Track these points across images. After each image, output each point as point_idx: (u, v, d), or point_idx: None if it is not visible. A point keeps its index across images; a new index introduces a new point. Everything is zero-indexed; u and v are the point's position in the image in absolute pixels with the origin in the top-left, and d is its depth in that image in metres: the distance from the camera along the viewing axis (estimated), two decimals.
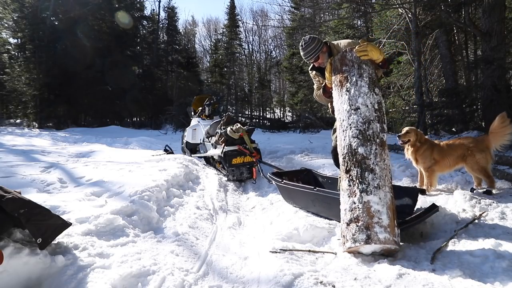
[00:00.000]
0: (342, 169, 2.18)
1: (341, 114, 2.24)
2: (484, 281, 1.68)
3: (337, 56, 2.39)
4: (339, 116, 2.28)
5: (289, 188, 3.11)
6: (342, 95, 2.25)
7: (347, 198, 2.07)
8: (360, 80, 2.21)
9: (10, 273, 1.62)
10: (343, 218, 2.09)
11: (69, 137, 9.73)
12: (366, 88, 2.19)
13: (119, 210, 2.41)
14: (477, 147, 3.12)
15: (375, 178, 2.02)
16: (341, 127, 2.24)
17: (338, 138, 2.30)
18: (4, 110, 17.54)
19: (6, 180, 3.07)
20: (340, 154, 2.21)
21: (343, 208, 2.10)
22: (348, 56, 2.31)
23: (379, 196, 1.99)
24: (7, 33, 16.21)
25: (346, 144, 2.16)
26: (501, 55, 4.98)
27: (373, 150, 2.08)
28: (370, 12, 8.38)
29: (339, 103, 2.29)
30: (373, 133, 2.12)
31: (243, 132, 4.59)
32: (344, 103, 2.22)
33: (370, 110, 2.15)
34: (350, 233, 1.99)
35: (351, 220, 2.00)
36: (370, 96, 2.18)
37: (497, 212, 2.56)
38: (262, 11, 36.32)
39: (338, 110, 2.30)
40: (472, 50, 8.20)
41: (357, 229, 1.96)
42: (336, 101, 2.33)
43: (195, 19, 44.95)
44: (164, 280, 1.74)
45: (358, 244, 1.94)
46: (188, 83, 21.72)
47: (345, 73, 2.28)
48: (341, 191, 2.18)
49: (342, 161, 2.18)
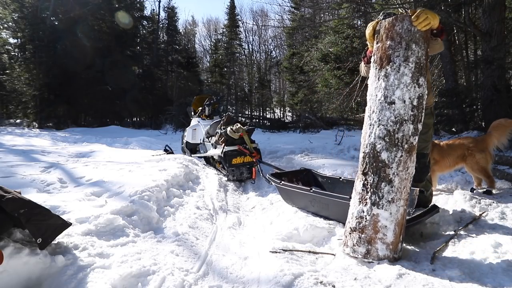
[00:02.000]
0: (359, 167, 2.00)
1: (372, 102, 1.91)
2: (484, 281, 1.68)
3: (385, 21, 1.89)
4: (369, 104, 1.94)
5: (288, 189, 3.12)
6: (379, 78, 1.88)
7: (357, 202, 1.96)
8: (404, 65, 1.80)
9: (10, 273, 1.62)
10: (349, 219, 2.04)
11: (69, 137, 9.72)
12: (409, 77, 1.80)
13: (119, 210, 2.41)
14: (477, 147, 3.13)
15: (390, 192, 1.85)
16: (369, 119, 1.93)
17: (363, 130, 1.99)
18: (4, 110, 17.54)
19: (6, 180, 3.07)
20: (361, 150, 1.98)
21: (351, 211, 2.03)
22: (397, 27, 1.83)
23: (390, 212, 1.86)
24: (7, 33, 16.21)
25: (369, 142, 1.91)
26: (501, 55, 4.98)
27: (397, 158, 1.84)
28: (370, 12, 8.37)
29: (372, 87, 1.93)
30: (403, 136, 1.83)
31: (243, 132, 4.59)
32: (379, 90, 1.87)
33: (406, 107, 1.82)
34: (351, 241, 1.97)
35: (356, 228, 1.96)
36: (411, 88, 1.81)
37: (497, 212, 2.56)
38: (262, 11, 36.33)
39: (370, 94, 1.94)
40: (472, 50, 8.20)
41: (358, 240, 1.93)
42: (371, 82, 1.95)
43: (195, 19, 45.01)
44: (164, 280, 1.74)
45: (356, 255, 1.95)
46: (188, 83, 21.72)
47: (388, 50, 1.84)
48: (354, 190, 2.07)
49: (361, 159, 1.97)
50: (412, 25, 1.81)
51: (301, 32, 16.58)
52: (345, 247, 2.03)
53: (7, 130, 11.06)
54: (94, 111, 17.88)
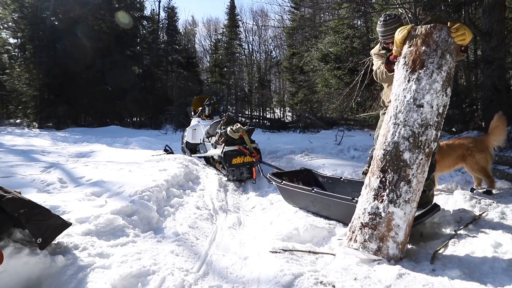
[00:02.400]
0: (377, 163, 1.97)
1: (399, 103, 1.93)
2: (484, 281, 1.68)
3: (421, 28, 1.95)
4: (395, 104, 1.95)
5: (289, 189, 3.12)
6: (409, 80, 1.92)
7: (372, 198, 1.93)
8: (437, 72, 1.86)
9: (10, 273, 1.62)
10: (359, 214, 1.98)
11: (69, 137, 9.72)
12: (440, 85, 1.87)
13: (119, 210, 2.41)
14: (476, 147, 3.13)
15: (408, 192, 1.87)
16: (394, 118, 1.94)
17: (383, 126, 2.01)
18: (4, 110, 17.53)
19: (6, 180, 3.06)
20: (381, 147, 1.97)
21: (363, 206, 1.97)
22: (435, 35, 1.89)
23: (404, 211, 1.87)
24: (7, 33, 16.20)
25: (392, 141, 1.92)
26: (501, 55, 4.97)
27: (418, 160, 1.88)
28: (370, 12, 8.37)
29: (401, 88, 1.95)
30: (426, 140, 1.88)
31: (243, 132, 4.59)
32: (408, 91, 1.91)
33: (433, 112, 1.88)
34: (361, 236, 1.93)
35: (368, 224, 1.92)
36: (440, 96, 1.87)
37: (497, 212, 2.56)
38: (262, 11, 36.30)
39: (396, 94, 1.97)
40: (472, 50, 8.20)
41: (371, 236, 1.90)
42: (399, 83, 1.98)
43: (195, 19, 44.95)
44: (164, 280, 1.74)
45: (366, 252, 1.90)
46: (188, 83, 21.70)
47: (423, 55, 1.90)
48: (367, 186, 2.02)
49: (381, 156, 1.95)
50: (450, 36, 1.89)
51: (301, 32, 16.57)
52: (352, 243, 1.96)
53: (7, 130, 11.05)
54: (94, 111, 17.87)
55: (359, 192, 3.05)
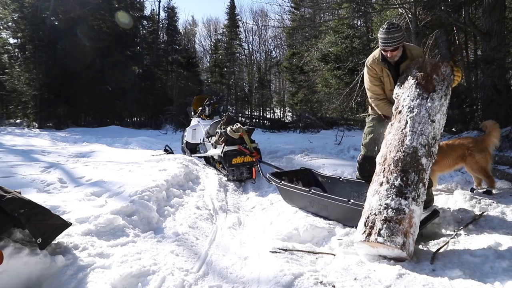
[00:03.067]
0: (394, 163, 2.07)
1: (415, 114, 2.19)
2: (484, 281, 1.68)
3: (429, 60, 2.45)
4: (411, 114, 2.19)
5: (287, 190, 3.13)
6: (423, 98, 2.23)
7: (394, 195, 1.97)
8: (444, 98, 2.26)
9: (10, 273, 1.62)
10: (380, 210, 1.95)
11: (69, 137, 9.72)
12: (445, 108, 2.26)
13: (119, 210, 2.41)
14: (476, 147, 3.13)
15: (423, 193, 2.05)
16: (411, 126, 2.16)
17: (395, 132, 2.21)
18: (4, 110, 17.54)
19: (6, 180, 3.06)
20: (398, 150, 2.11)
21: (385, 202, 1.97)
22: (443, 69, 2.34)
23: (420, 211, 2.01)
24: (7, 33, 16.20)
25: (412, 145, 2.10)
26: (501, 55, 4.97)
27: (428, 167, 2.12)
28: (370, 12, 8.37)
29: (415, 102, 2.24)
30: (434, 151, 2.17)
31: (243, 132, 4.58)
32: (424, 107, 2.20)
33: (439, 130, 2.21)
34: (388, 231, 1.87)
35: (393, 219, 1.90)
36: (443, 117, 2.25)
37: (497, 212, 2.56)
38: (262, 11, 36.24)
39: (410, 107, 2.23)
40: (472, 50, 8.20)
41: (397, 231, 1.88)
42: (411, 98, 2.26)
43: (195, 19, 44.87)
44: (164, 280, 1.74)
45: (393, 245, 1.85)
46: (188, 83, 21.70)
47: (434, 81, 2.29)
48: (385, 183, 2.05)
49: (401, 157, 2.08)
50: (453, 74, 2.37)
51: (301, 32, 16.57)
52: (375, 237, 1.89)
53: (7, 130, 11.05)
54: (94, 111, 17.87)
55: (358, 192, 3.08)
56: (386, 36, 2.55)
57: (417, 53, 2.64)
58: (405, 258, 1.90)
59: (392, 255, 1.92)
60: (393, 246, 1.85)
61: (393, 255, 1.92)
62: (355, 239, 2.03)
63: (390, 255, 1.93)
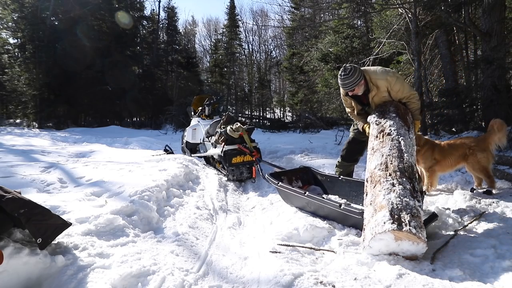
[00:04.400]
0: (400, 171, 2.26)
1: (403, 139, 2.50)
2: (484, 281, 1.68)
3: (403, 109, 2.82)
4: (401, 138, 2.49)
5: (285, 191, 3.14)
6: (405, 129, 2.62)
7: (411, 196, 2.12)
8: (411, 139, 2.62)
9: (10, 273, 1.62)
10: (403, 205, 2.03)
11: (69, 137, 9.72)
12: (414, 143, 2.66)
13: (119, 210, 2.41)
14: (478, 147, 3.13)
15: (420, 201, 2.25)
16: (404, 146, 2.44)
17: (394, 147, 2.44)
18: (4, 110, 17.55)
19: (6, 180, 3.07)
20: (402, 161, 2.34)
21: (404, 199, 2.07)
22: (410, 115, 2.84)
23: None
24: (7, 33, 16.20)
25: (409, 161, 2.39)
26: (501, 55, 4.97)
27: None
28: (370, 12, 8.37)
29: (402, 130, 2.59)
30: (415, 173, 2.41)
31: (243, 131, 4.58)
32: (408, 135, 2.59)
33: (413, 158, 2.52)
34: (417, 224, 1.94)
35: (416, 215, 2.00)
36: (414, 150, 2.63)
37: (497, 212, 2.56)
38: (262, 11, 36.31)
39: (400, 134, 2.53)
40: (472, 50, 8.20)
41: (421, 226, 1.97)
42: (398, 126, 2.61)
43: (195, 19, 44.96)
44: (164, 280, 1.74)
45: (422, 237, 1.89)
46: (188, 83, 21.70)
47: (408, 121, 2.73)
48: (400, 184, 2.16)
49: (406, 168, 2.31)
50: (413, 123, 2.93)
51: (301, 32, 16.57)
52: (409, 227, 1.91)
53: (7, 130, 11.06)
54: (94, 111, 17.87)
55: (357, 192, 3.09)
56: (341, 82, 2.86)
57: (380, 81, 2.83)
58: (418, 257, 1.94)
59: (412, 250, 1.92)
60: (422, 239, 1.90)
61: (412, 251, 1.92)
62: (377, 230, 1.94)
63: (410, 250, 1.92)
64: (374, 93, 2.86)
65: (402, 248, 1.94)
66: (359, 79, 2.78)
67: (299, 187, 3.49)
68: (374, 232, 1.95)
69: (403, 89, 2.83)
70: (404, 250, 1.94)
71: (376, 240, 1.94)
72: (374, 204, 2.13)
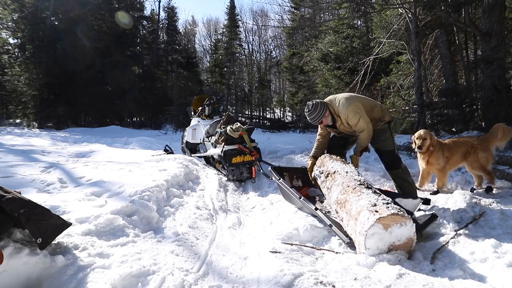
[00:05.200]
0: (359, 187, 2.40)
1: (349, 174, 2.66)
2: (484, 281, 1.69)
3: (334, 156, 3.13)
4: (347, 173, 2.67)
5: (285, 191, 3.16)
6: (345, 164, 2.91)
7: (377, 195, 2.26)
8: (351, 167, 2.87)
9: (10, 273, 1.62)
10: (375, 202, 2.13)
11: (69, 137, 9.72)
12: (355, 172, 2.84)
13: (119, 210, 2.41)
14: (480, 146, 3.18)
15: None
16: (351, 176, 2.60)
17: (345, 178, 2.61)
18: (4, 110, 17.55)
19: (6, 180, 3.07)
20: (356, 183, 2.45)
21: (373, 199, 2.18)
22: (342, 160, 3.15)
23: None
24: (7, 33, 16.19)
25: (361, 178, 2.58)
26: (501, 55, 4.97)
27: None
28: (370, 12, 8.37)
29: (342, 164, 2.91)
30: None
31: (243, 131, 4.58)
32: (348, 165, 2.90)
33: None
34: (392, 207, 2.04)
35: (389, 203, 2.11)
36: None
37: (497, 212, 2.56)
38: (262, 11, 36.30)
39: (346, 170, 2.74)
40: (472, 50, 8.19)
41: (397, 207, 2.06)
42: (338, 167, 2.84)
43: (195, 19, 44.95)
44: (164, 280, 1.74)
45: (405, 215, 1.97)
46: (188, 83, 21.71)
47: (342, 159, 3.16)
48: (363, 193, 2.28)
49: (362, 181, 2.49)
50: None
51: (301, 32, 16.57)
52: (387, 211, 2.02)
53: (7, 130, 11.05)
54: (94, 111, 17.88)
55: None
56: (308, 118, 3.22)
57: (341, 114, 3.09)
58: (413, 241, 1.98)
59: (405, 233, 1.96)
60: (407, 217, 1.95)
61: (405, 235, 1.96)
62: (365, 228, 1.98)
63: (402, 234, 1.95)
64: (339, 122, 3.16)
65: (396, 235, 1.96)
66: (322, 112, 3.11)
67: (299, 187, 3.49)
68: (364, 231, 1.98)
69: (356, 124, 3.05)
70: (398, 236, 1.96)
71: (369, 237, 1.96)
72: (352, 216, 2.18)
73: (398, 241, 1.97)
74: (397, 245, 1.97)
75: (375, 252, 1.97)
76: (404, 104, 8.27)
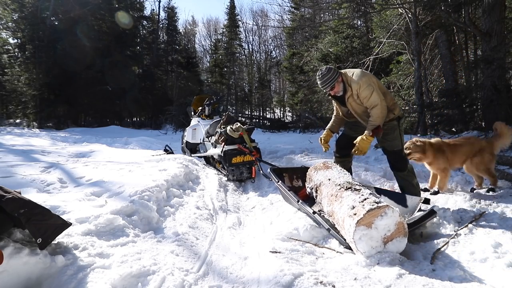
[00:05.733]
0: (340, 192, 2.42)
1: (331, 182, 2.68)
2: (484, 281, 1.68)
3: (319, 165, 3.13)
4: (330, 180, 2.69)
5: (283, 192, 3.15)
6: (330, 168, 2.98)
7: (355, 192, 2.29)
8: (337, 168, 2.99)
9: (10, 273, 1.62)
10: (353, 204, 2.17)
11: (69, 137, 9.72)
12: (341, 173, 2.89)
13: (119, 210, 2.41)
14: (488, 148, 3.18)
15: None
16: (333, 184, 2.59)
17: (330, 187, 2.60)
18: (4, 110, 17.56)
19: (6, 180, 3.06)
20: (337, 188, 2.47)
21: (351, 198, 2.23)
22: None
23: None
24: (7, 33, 16.21)
25: (344, 179, 2.61)
26: (501, 55, 4.97)
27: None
28: (370, 12, 8.37)
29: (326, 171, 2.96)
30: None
31: (243, 131, 4.58)
32: (335, 169, 2.98)
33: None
34: (367, 203, 2.05)
35: (365, 200, 2.12)
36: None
37: (497, 212, 2.56)
38: (262, 11, 36.29)
39: (329, 178, 2.75)
40: (472, 50, 8.20)
41: (373, 201, 2.07)
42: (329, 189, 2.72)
43: (195, 19, 44.94)
44: (164, 280, 1.74)
45: (383, 206, 1.97)
46: (188, 83, 21.72)
47: (327, 165, 3.12)
48: (349, 194, 2.30)
49: (340, 186, 2.49)
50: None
51: (301, 32, 16.58)
52: (364, 209, 2.06)
53: (7, 130, 11.05)
54: (94, 111, 17.88)
55: None
56: (320, 82, 2.97)
57: (353, 83, 2.88)
58: (402, 222, 1.99)
59: (389, 222, 1.96)
60: (383, 205, 1.97)
61: (390, 223, 1.96)
62: (352, 235, 2.01)
63: (387, 224, 1.95)
64: (349, 93, 2.91)
65: (382, 228, 1.97)
66: (335, 77, 2.88)
67: (299, 188, 3.49)
68: (352, 239, 2.01)
69: (369, 98, 2.80)
70: (385, 227, 1.97)
71: (358, 242, 1.97)
72: (340, 225, 2.22)
73: (388, 231, 1.97)
74: (389, 236, 1.98)
75: (372, 252, 1.96)
76: (404, 104, 8.27)
